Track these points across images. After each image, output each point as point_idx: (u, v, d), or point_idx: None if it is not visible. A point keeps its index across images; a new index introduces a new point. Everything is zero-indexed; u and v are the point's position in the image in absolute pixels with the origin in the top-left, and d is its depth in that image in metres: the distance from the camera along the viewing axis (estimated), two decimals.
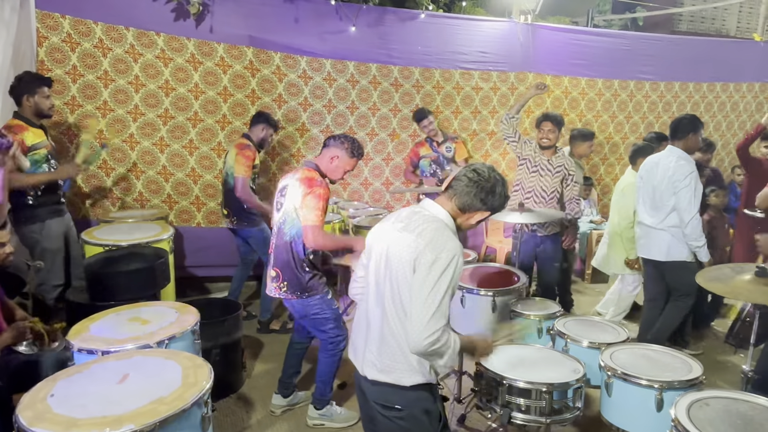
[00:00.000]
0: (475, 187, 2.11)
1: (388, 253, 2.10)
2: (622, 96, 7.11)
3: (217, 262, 5.61)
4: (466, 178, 2.13)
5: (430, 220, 2.09)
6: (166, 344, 2.72)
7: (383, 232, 2.19)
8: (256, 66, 5.64)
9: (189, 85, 5.45)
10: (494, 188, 2.14)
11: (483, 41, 6.44)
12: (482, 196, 2.12)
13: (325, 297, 3.41)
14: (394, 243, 2.09)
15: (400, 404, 2.09)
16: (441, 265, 1.96)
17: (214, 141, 5.61)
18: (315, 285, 3.36)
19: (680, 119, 4.19)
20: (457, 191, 2.14)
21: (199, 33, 5.37)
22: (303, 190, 3.23)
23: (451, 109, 6.54)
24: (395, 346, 2.08)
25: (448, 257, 1.97)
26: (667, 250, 4.08)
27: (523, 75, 6.67)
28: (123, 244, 4.16)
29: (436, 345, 1.95)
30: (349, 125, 6.17)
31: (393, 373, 2.08)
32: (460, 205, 2.14)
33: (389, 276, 2.08)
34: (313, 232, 3.21)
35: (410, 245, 2.03)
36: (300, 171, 3.36)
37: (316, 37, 5.79)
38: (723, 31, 11.92)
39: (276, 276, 3.38)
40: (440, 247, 1.98)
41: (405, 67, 6.24)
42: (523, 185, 4.61)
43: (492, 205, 2.15)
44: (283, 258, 3.34)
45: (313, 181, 3.26)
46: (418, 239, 2.02)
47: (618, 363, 2.82)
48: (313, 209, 3.20)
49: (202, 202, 5.69)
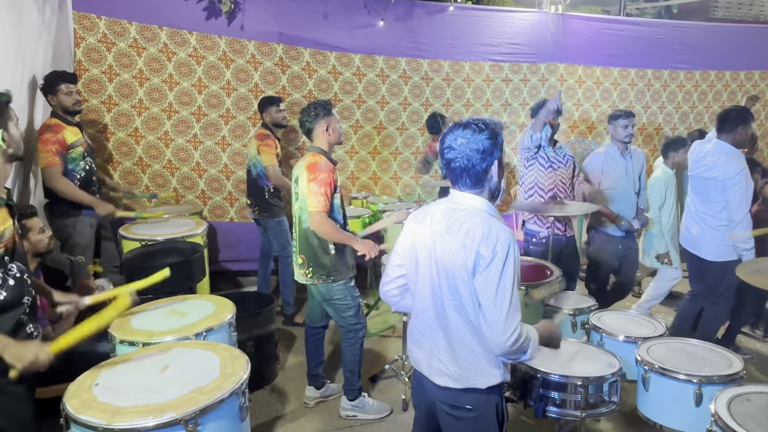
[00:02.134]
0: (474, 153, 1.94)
1: (438, 259, 1.99)
2: (655, 86, 6.97)
3: (249, 256, 5.67)
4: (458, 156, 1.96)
5: (472, 214, 1.96)
6: (204, 336, 2.76)
7: (423, 236, 2.06)
8: (286, 62, 5.69)
9: (221, 83, 5.52)
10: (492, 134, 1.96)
11: (513, 33, 6.39)
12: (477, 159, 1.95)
13: (348, 283, 3.50)
14: (443, 248, 1.97)
15: (471, 404, 2.04)
16: (500, 259, 1.86)
17: (246, 137, 5.66)
18: (340, 269, 3.43)
19: (729, 111, 3.94)
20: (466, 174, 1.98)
21: (231, 31, 5.44)
22: (307, 177, 3.32)
23: (482, 102, 6.50)
24: (468, 356, 2.00)
25: (504, 248, 1.87)
26: (716, 249, 3.92)
27: (554, 66, 6.60)
28: (159, 238, 4.24)
29: (519, 342, 1.89)
30: (379, 120, 6.19)
31: (468, 381, 2.02)
32: (468, 185, 2.00)
33: (447, 285, 1.98)
34: (316, 218, 3.28)
35: (461, 247, 1.92)
36: (306, 158, 3.45)
37: (345, 32, 5.82)
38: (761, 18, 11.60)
39: (302, 263, 3.47)
40: (493, 240, 1.88)
41: (434, 61, 6.24)
42: (541, 184, 4.22)
43: (501, 145, 1.99)
44: (307, 244, 3.43)
45: (316, 166, 3.33)
46: (467, 239, 1.91)
47: (655, 357, 2.78)
48: (316, 194, 3.27)
49: (235, 197, 5.77)
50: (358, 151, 6.23)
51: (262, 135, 4.81)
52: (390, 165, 6.35)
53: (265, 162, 4.71)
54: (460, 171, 1.98)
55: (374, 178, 6.33)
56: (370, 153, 6.27)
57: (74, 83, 4.19)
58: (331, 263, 3.41)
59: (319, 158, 3.37)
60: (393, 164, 6.37)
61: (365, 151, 6.25)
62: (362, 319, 3.59)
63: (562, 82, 6.68)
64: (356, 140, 6.18)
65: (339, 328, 3.62)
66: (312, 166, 3.34)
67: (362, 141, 6.21)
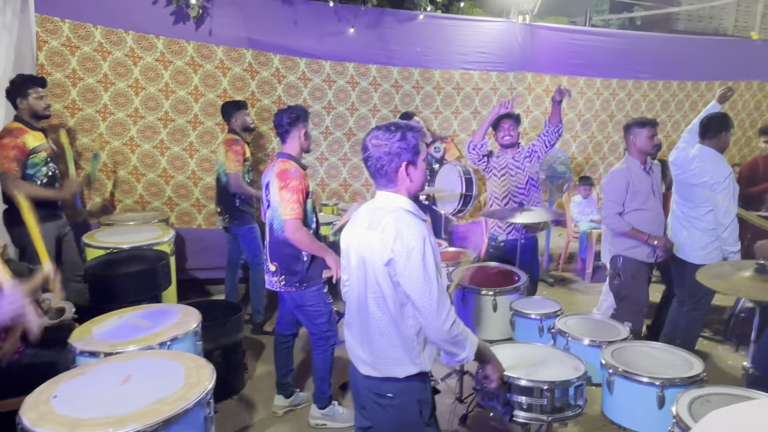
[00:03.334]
0: (383, 154, 2.04)
1: (362, 254, 2.11)
2: (620, 95, 7.12)
3: (218, 264, 5.56)
4: (370, 156, 2.06)
5: (389, 212, 2.05)
6: (169, 345, 2.72)
7: (354, 235, 2.18)
8: (255, 68, 5.65)
9: (189, 88, 5.46)
10: (402, 137, 2.03)
11: (482, 41, 6.46)
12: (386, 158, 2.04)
13: (321, 290, 3.49)
14: (365, 244, 2.09)
15: (391, 393, 2.12)
16: (417, 252, 1.96)
17: (214, 143, 5.60)
18: (312, 275, 3.42)
19: (711, 118, 4.03)
20: (378, 173, 2.07)
21: (199, 36, 5.39)
22: (278, 184, 3.30)
23: (451, 109, 6.56)
24: (386, 345, 2.09)
25: (419, 243, 1.97)
26: (703, 253, 3.95)
27: (521, 75, 6.69)
28: (124, 246, 4.16)
29: (456, 329, 2.01)
30: (348, 126, 6.19)
31: (385, 369, 2.11)
32: (383, 183, 2.09)
33: (369, 277, 2.09)
34: (291, 226, 3.26)
35: (379, 243, 2.02)
36: (276, 164, 3.41)
37: (315, 38, 5.81)
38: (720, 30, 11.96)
39: (275, 270, 3.44)
40: (407, 235, 1.97)
41: (404, 68, 6.27)
42: (495, 194, 4.39)
43: (414, 147, 2.05)
44: (279, 252, 3.40)
45: (287, 173, 3.31)
46: (384, 235, 2.01)
47: (619, 360, 2.81)
48: (289, 202, 3.26)
49: (203, 204, 5.70)
50: (328, 158, 6.21)
51: (230, 140, 4.76)
52: (360, 171, 6.35)
53: (228, 168, 4.66)
54: (374, 170, 2.09)
55: (344, 185, 6.33)
56: (340, 159, 6.26)
57: (44, 87, 4.12)
58: (303, 270, 3.40)
59: (290, 165, 3.36)
60: (363, 171, 6.35)
61: (335, 157, 6.23)
62: (334, 326, 3.57)
63: (530, 90, 6.78)
64: (326, 147, 6.16)
65: (310, 335, 3.60)
66: (283, 173, 3.32)
67: (332, 147, 6.20)
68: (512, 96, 6.49)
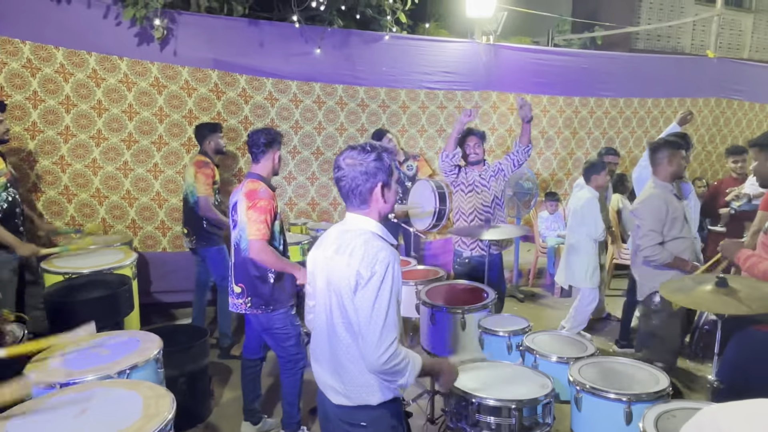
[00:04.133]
0: (358, 174, 2.00)
1: (329, 279, 2.05)
2: (582, 113, 7.25)
3: (183, 287, 5.47)
4: (344, 176, 2.01)
5: (357, 235, 2.02)
6: (128, 374, 2.63)
7: (320, 259, 2.12)
8: (221, 89, 5.60)
9: (153, 109, 5.38)
10: (378, 157, 2.00)
11: (447, 61, 6.53)
12: (362, 179, 2.00)
13: (288, 312, 3.43)
14: (332, 268, 2.04)
15: (365, 421, 2.06)
16: (378, 278, 1.91)
17: (179, 164, 5.53)
18: (280, 298, 3.36)
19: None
20: (352, 193, 2.03)
21: (163, 57, 5.32)
22: (246, 204, 3.26)
23: (417, 128, 6.58)
24: (356, 372, 2.03)
25: (382, 268, 1.91)
26: None
27: (486, 94, 6.76)
28: (84, 271, 4.02)
29: (394, 361, 1.91)
30: (316, 145, 6.16)
31: (358, 397, 2.04)
32: (356, 203, 2.05)
33: (335, 303, 2.03)
34: (256, 246, 3.20)
35: (346, 268, 1.97)
36: (245, 184, 3.36)
37: (282, 59, 5.80)
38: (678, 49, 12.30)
39: (241, 292, 3.37)
40: (373, 260, 1.92)
41: (371, 88, 6.28)
42: (463, 210, 4.43)
43: (389, 168, 2.03)
44: (245, 273, 3.34)
45: (255, 193, 3.27)
46: (350, 259, 1.96)
47: (586, 377, 2.81)
48: (256, 222, 3.21)
49: (168, 226, 5.59)
50: (296, 177, 6.16)
51: (201, 162, 4.66)
52: (329, 190, 6.31)
53: (199, 192, 4.58)
54: (347, 190, 2.04)
55: (312, 204, 6.28)
56: (308, 179, 6.22)
57: (3, 111, 3.99)
58: (270, 292, 3.34)
59: (259, 185, 3.32)
60: (332, 189, 6.32)
61: (303, 176, 6.19)
62: (303, 349, 3.50)
63: (495, 109, 6.86)
64: (294, 166, 6.12)
65: (278, 359, 3.52)
66: (251, 193, 3.27)
67: (300, 167, 6.15)
68: (473, 104, 6.55)
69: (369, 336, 1.91)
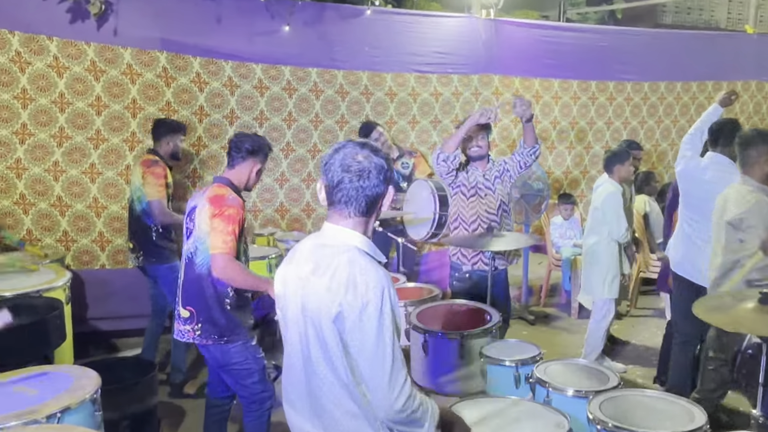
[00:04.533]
0: (360, 178, 1.96)
1: (305, 306, 2.00)
2: (600, 99, 7.30)
3: (128, 311, 5.47)
4: (343, 180, 1.96)
5: (339, 252, 1.97)
6: (59, 418, 2.60)
7: (293, 279, 2.07)
8: (171, 74, 5.59)
9: (89, 99, 5.34)
10: (387, 161, 2.01)
11: (440, 40, 6.55)
12: (376, 180, 1.97)
13: (248, 344, 3.38)
14: (309, 293, 1.98)
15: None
16: (374, 308, 1.86)
17: (122, 164, 5.50)
18: (237, 327, 3.32)
19: (722, 124, 4.13)
20: (345, 198, 1.98)
21: (101, 36, 5.30)
22: (210, 211, 3.22)
23: (407, 118, 6.60)
24: (341, 416, 1.98)
25: (377, 295, 1.87)
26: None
27: (487, 78, 6.80)
28: (6, 294, 3.98)
29: (411, 407, 1.90)
30: (286, 140, 6.16)
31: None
32: (360, 211, 2.00)
33: (312, 334, 1.98)
34: (221, 261, 3.17)
35: (326, 293, 1.92)
36: (210, 188, 3.35)
37: (244, 38, 5.81)
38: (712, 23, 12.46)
39: (189, 317, 3.31)
40: (362, 283, 1.88)
41: (351, 72, 6.30)
42: (463, 216, 4.39)
43: (388, 175, 2.02)
44: (197, 294, 3.30)
45: (223, 199, 3.26)
46: (332, 282, 1.91)
47: (609, 414, 2.81)
48: (222, 233, 3.18)
49: (108, 239, 5.55)
50: (261, 179, 6.12)
51: (149, 161, 4.65)
52: (301, 194, 6.30)
53: (150, 195, 4.56)
54: (344, 197, 1.98)
55: (281, 211, 6.27)
56: (276, 180, 6.21)
57: None
58: (225, 320, 3.29)
59: (227, 191, 3.31)
60: (305, 193, 6.31)
61: (271, 178, 6.18)
62: (268, 386, 3.46)
63: (498, 95, 6.89)
64: None
65: (240, 399, 3.49)
66: (218, 198, 3.25)
67: (267, 166, 6.09)
68: (497, 103, 6.52)
69: (377, 379, 1.87)
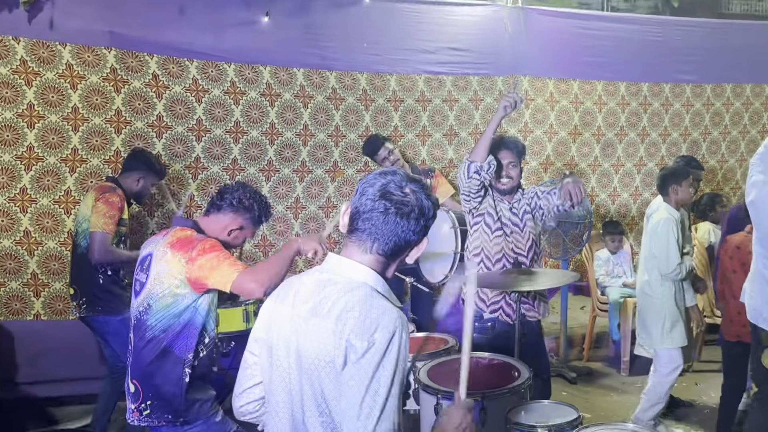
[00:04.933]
0: (398, 213, 1.99)
1: (299, 353, 2.00)
2: (654, 105, 7.22)
3: (69, 373, 5.42)
4: (383, 203, 1.99)
5: (350, 289, 1.98)
6: None
7: (282, 321, 2.08)
8: (121, 76, 5.54)
9: (19, 108, 5.27)
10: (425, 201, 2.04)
11: (456, 34, 6.52)
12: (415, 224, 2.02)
13: (211, 420, 3.30)
14: (306, 338, 1.99)
15: None
16: (377, 351, 1.86)
17: (60, 189, 5.41)
18: (197, 404, 3.25)
19: None
20: (372, 231, 2.01)
21: (34, 30, 5.24)
22: (185, 256, 3.16)
23: (416, 131, 6.56)
24: None
25: (385, 337, 1.87)
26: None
27: (514, 80, 6.71)
28: None
29: None
30: (267, 159, 6.08)
31: None
32: (383, 250, 2.03)
33: (311, 392, 1.99)
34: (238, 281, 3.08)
35: (330, 336, 1.92)
36: (170, 233, 3.34)
37: (212, 32, 5.81)
38: None
39: (135, 392, 3.24)
40: (371, 325, 1.88)
41: (346, 73, 6.29)
42: (488, 252, 4.42)
43: (429, 224, 2.07)
44: (146, 364, 3.22)
45: (191, 239, 3.24)
46: (338, 324, 1.91)
47: None
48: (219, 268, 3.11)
49: (43, 282, 5.45)
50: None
51: (105, 188, 4.72)
52: (288, 225, 6.24)
53: (94, 226, 4.56)
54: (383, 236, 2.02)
55: (263, 246, 6.17)
56: None
57: None
58: (182, 395, 3.21)
59: (191, 232, 3.33)
60: (293, 224, 6.24)
61: None
62: None
63: (528, 102, 6.82)
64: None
65: None
66: (186, 241, 3.23)
67: None
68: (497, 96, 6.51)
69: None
